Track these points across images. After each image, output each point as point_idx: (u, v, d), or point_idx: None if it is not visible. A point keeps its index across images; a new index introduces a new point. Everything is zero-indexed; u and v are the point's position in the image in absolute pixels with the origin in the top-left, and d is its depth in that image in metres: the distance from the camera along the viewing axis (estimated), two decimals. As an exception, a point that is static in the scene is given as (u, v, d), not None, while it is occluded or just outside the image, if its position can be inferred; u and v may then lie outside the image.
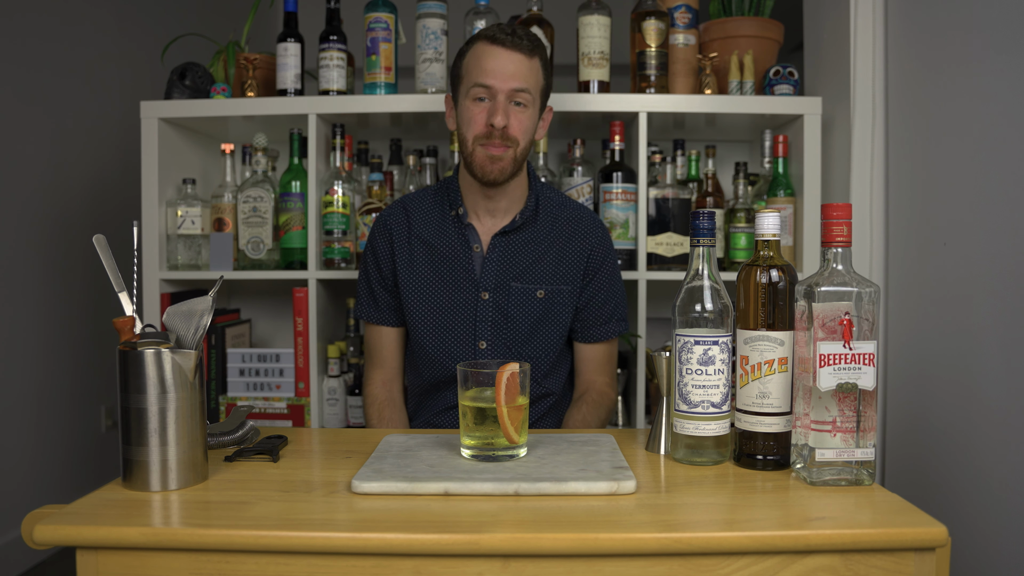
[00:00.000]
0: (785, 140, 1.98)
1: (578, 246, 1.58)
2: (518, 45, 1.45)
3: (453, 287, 1.55)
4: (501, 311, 1.53)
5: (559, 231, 1.58)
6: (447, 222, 1.57)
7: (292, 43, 1.98)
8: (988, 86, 1.45)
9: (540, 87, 1.51)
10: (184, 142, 2.13)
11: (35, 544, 0.91)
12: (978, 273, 1.47)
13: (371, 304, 1.63)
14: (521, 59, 1.46)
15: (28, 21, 2.70)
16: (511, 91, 1.45)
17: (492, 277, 1.54)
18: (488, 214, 1.56)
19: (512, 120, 1.46)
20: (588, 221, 1.61)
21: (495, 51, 1.45)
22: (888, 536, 0.88)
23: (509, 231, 1.55)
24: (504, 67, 1.44)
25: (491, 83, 1.44)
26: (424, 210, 1.60)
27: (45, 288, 2.80)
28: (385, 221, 1.61)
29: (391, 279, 1.60)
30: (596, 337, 1.60)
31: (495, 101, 1.45)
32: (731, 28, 2.01)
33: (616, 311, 1.62)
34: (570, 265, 1.57)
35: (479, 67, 1.46)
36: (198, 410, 1.03)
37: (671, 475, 1.08)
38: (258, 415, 2.02)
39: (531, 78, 1.47)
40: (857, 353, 1.00)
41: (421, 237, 1.58)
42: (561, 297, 1.56)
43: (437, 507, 0.94)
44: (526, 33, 1.48)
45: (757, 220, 1.10)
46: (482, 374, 1.09)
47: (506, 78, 1.44)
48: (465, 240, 1.56)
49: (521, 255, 1.55)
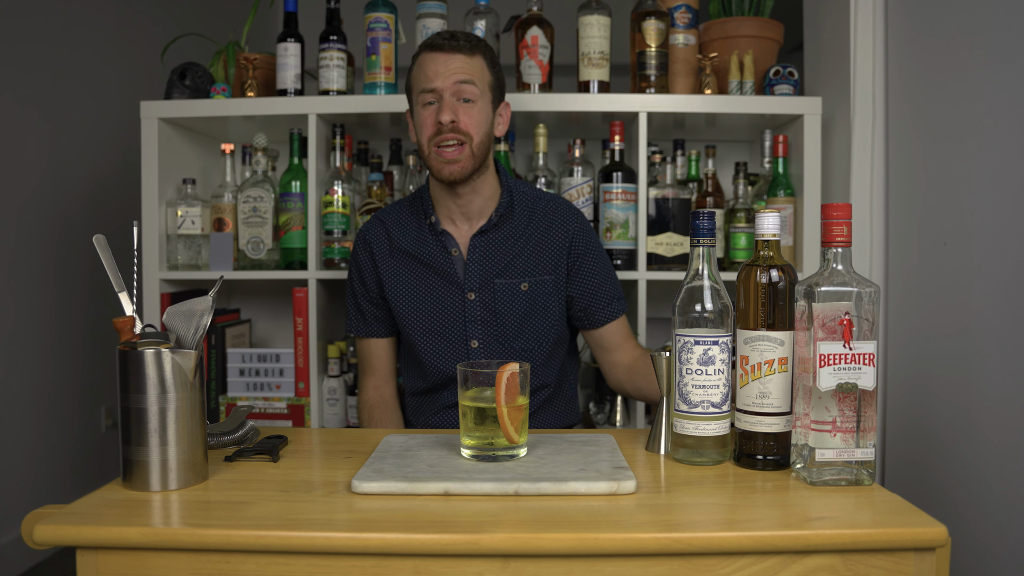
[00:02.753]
0: (785, 140, 1.98)
1: (556, 235, 1.59)
2: (456, 47, 1.49)
3: (439, 292, 1.57)
4: (488, 309, 1.55)
5: (536, 223, 1.60)
6: (424, 231, 1.60)
7: (292, 43, 1.98)
8: (988, 86, 1.45)
9: (487, 81, 1.53)
10: (184, 142, 2.13)
11: (35, 544, 0.91)
12: (978, 273, 1.47)
13: (359, 318, 1.66)
14: (461, 58, 1.49)
15: (28, 24, 2.70)
16: (454, 86, 1.47)
17: (476, 277, 1.56)
18: (463, 217, 1.58)
19: (460, 115, 1.48)
20: (564, 210, 1.63)
21: (435, 56, 1.49)
22: (888, 536, 0.88)
23: (487, 230, 1.57)
24: (444, 68, 1.48)
25: (434, 85, 1.48)
26: (401, 222, 1.63)
27: (45, 288, 2.80)
28: (365, 236, 1.64)
29: (376, 292, 1.63)
30: (603, 320, 1.62)
31: (441, 101, 1.48)
32: (731, 28, 2.01)
33: (614, 292, 1.64)
34: (551, 255, 1.58)
35: (423, 74, 1.50)
36: (198, 410, 1.03)
37: (671, 475, 1.08)
38: (258, 415, 2.02)
39: (475, 72, 1.50)
40: (857, 353, 1.00)
41: (402, 248, 1.60)
42: (545, 288, 1.57)
43: (437, 507, 0.94)
44: (464, 35, 1.52)
45: (757, 220, 1.10)
46: (482, 374, 1.09)
47: (446, 76, 1.47)
48: (443, 246, 1.58)
49: (501, 252, 1.57)
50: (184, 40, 2.26)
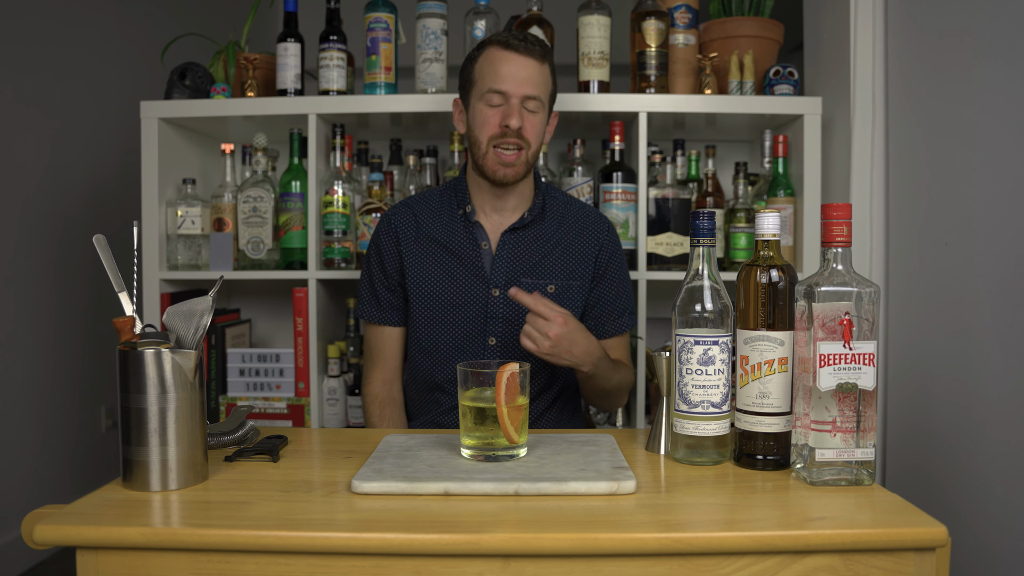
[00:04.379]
0: (785, 140, 1.98)
1: (588, 242, 1.60)
2: (531, 51, 1.49)
3: (464, 284, 1.56)
4: (512, 307, 1.54)
5: (567, 228, 1.60)
6: (455, 220, 1.59)
7: (292, 43, 1.98)
8: (988, 86, 1.45)
9: (549, 92, 1.55)
10: (184, 142, 2.13)
11: (35, 544, 0.90)
12: (978, 273, 1.47)
13: (373, 304, 1.63)
14: (533, 64, 1.49)
15: (28, 24, 2.70)
16: (524, 97, 1.48)
17: (502, 274, 1.55)
18: (496, 212, 1.58)
19: (526, 123, 1.49)
20: (596, 218, 1.64)
21: (508, 56, 1.48)
22: (888, 536, 0.88)
23: (518, 228, 1.57)
24: (517, 72, 1.48)
25: (505, 88, 1.48)
26: (431, 209, 1.62)
27: (45, 288, 2.80)
28: (391, 221, 1.62)
29: (396, 279, 1.60)
30: (610, 332, 1.62)
31: (509, 104, 1.48)
32: (731, 28, 2.01)
33: (627, 305, 1.65)
34: (580, 261, 1.59)
35: (493, 72, 1.48)
36: (198, 410, 1.03)
37: (671, 475, 1.08)
38: (258, 415, 2.02)
39: (542, 84, 1.51)
40: (857, 353, 1.00)
41: (430, 235, 1.59)
42: (572, 292, 1.57)
43: (437, 507, 0.94)
44: (535, 38, 1.51)
45: (757, 220, 1.10)
46: (482, 374, 1.09)
47: (519, 83, 1.48)
48: (473, 238, 1.57)
49: (530, 251, 1.57)
50: (184, 40, 2.26)
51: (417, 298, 1.57)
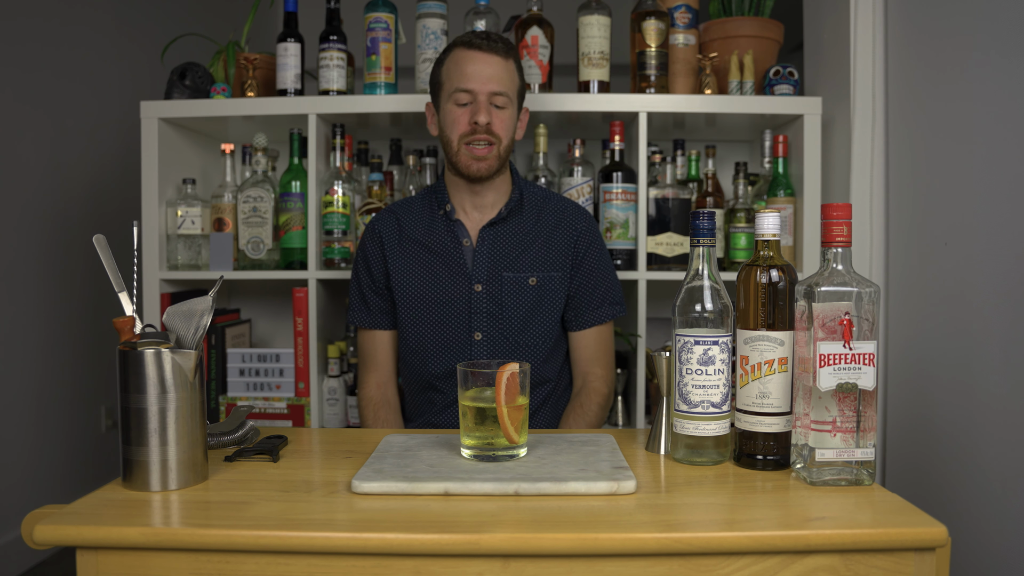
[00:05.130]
0: (785, 140, 1.98)
1: (565, 232, 1.62)
2: (494, 48, 1.53)
3: (447, 282, 1.58)
4: (495, 301, 1.57)
5: (545, 220, 1.63)
6: (436, 221, 1.62)
7: (292, 43, 1.98)
8: (989, 86, 1.45)
9: (516, 88, 1.58)
10: (184, 142, 2.13)
11: (35, 544, 0.91)
12: (978, 273, 1.47)
13: (363, 309, 1.66)
14: (498, 61, 1.53)
15: (28, 23, 2.69)
16: (490, 94, 1.52)
17: (484, 269, 1.58)
18: (475, 209, 1.62)
19: (494, 119, 1.53)
20: (573, 209, 1.67)
21: (472, 56, 1.53)
22: (888, 536, 0.88)
23: (496, 222, 1.60)
24: (482, 70, 1.52)
25: (472, 87, 1.52)
26: (413, 213, 1.66)
27: (45, 288, 2.80)
28: (375, 227, 1.66)
29: (383, 282, 1.63)
30: (589, 322, 1.63)
31: (476, 102, 1.52)
32: (731, 28, 2.01)
33: (608, 294, 1.65)
34: (559, 252, 1.61)
35: (459, 72, 1.53)
36: (198, 410, 1.03)
37: (671, 475, 1.08)
38: (258, 415, 2.02)
39: (507, 80, 1.54)
40: (857, 353, 1.00)
41: (412, 237, 1.62)
42: (553, 284, 1.59)
43: (437, 507, 0.94)
44: (498, 36, 1.56)
45: (757, 220, 1.10)
46: (482, 374, 1.09)
47: (485, 81, 1.52)
48: (455, 236, 1.60)
49: (510, 245, 1.59)
50: (184, 40, 2.26)
51: (403, 299, 1.60)
